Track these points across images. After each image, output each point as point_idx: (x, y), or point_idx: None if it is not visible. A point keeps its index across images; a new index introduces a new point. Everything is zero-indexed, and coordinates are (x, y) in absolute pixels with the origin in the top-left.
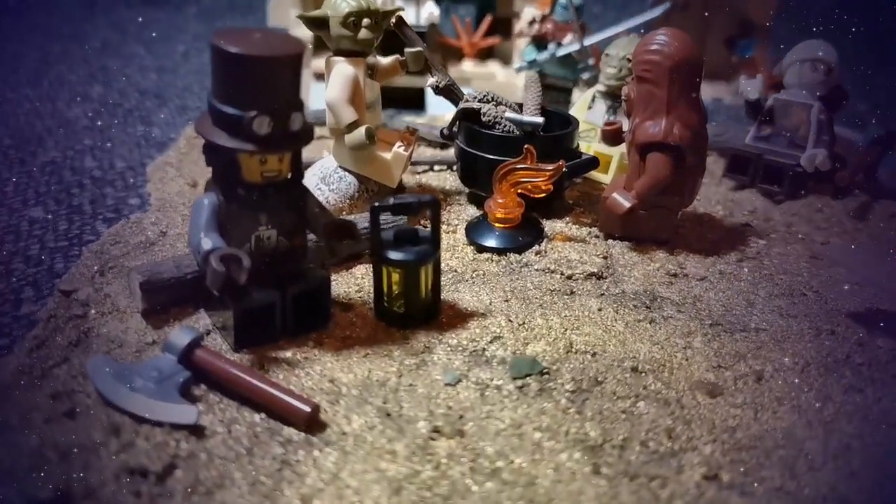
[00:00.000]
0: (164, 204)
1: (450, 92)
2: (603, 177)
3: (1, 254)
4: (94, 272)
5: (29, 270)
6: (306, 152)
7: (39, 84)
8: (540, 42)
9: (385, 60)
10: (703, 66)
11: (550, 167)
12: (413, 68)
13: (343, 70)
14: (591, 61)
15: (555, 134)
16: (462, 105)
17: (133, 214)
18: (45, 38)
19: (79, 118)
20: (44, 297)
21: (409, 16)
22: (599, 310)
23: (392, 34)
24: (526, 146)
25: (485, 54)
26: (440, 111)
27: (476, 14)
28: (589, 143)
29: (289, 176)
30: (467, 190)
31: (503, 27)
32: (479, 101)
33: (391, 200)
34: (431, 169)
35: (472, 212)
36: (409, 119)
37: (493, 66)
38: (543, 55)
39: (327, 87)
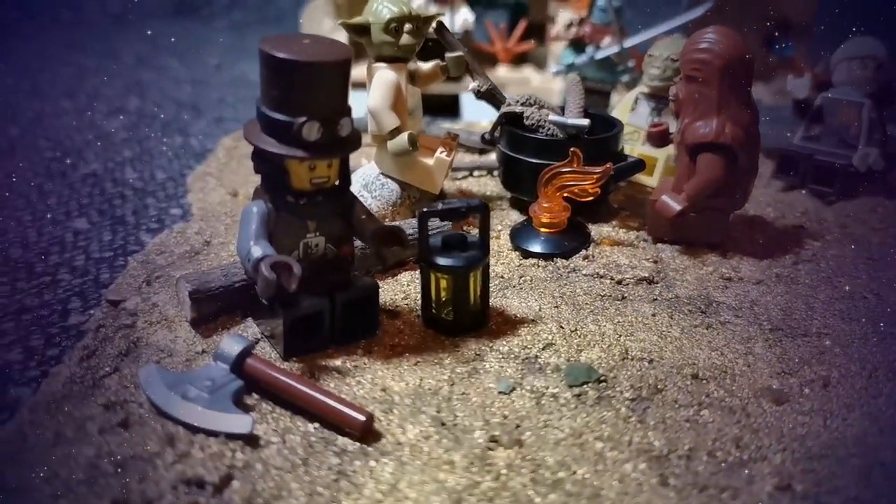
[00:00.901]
0: (206, 213)
1: (492, 96)
2: (648, 179)
3: (47, 265)
4: (140, 282)
5: (75, 281)
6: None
7: (77, 97)
8: (578, 45)
9: (426, 66)
10: (754, 63)
11: (598, 170)
12: (454, 73)
13: (385, 76)
14: (630, 64)
15: (600, 137)
16: (504, 109)
17: (176, 224)
18: (80, 54)
19: (117, 130)
20: (91, 307)
21: (445, 22)
22: (653, 315)
23: (431, 39)
24: (572, 149)
25: (519, 59)
26: (476, 117)
27: (509, 19)
28: (632, 146)
29: (337, 183)
30: (509, 195)
31: (536, 32)
32: (522, 104)
33: (439, 206)
34: (471, 174)
35: (515, 217)
36: (447, 126)
37: (528, 71)
38: (582, 58)
39: (369, 94)
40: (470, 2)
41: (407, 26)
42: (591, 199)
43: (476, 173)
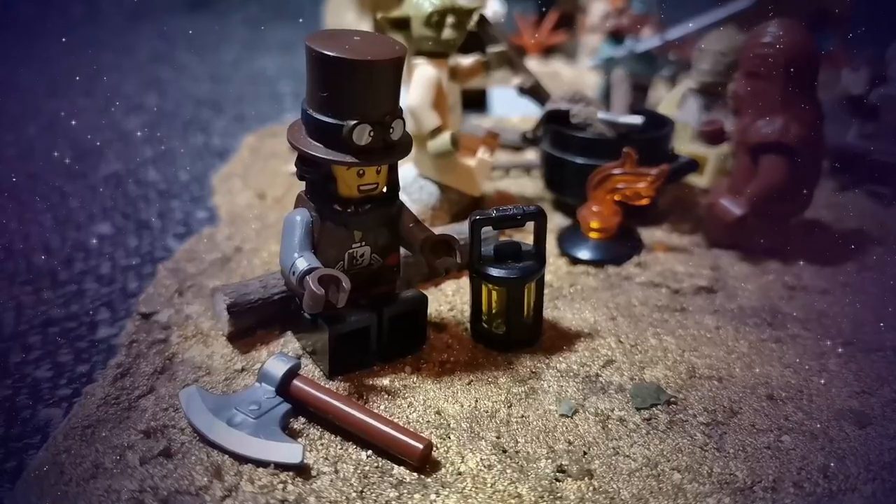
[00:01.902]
0: (234, 217)
1: (536, 93)
2: (698, 180)
3: (72, 272)
4: (172, 292)
5: (102, 290)
6: None
7: (94, 95)
8: (616, 37)
9: (466, 61)
10: (820, 59)
11: (653, 171)
12: (496, 69)
13: (426, 73)
14: (671, 57)
15: (651, 136)
16: (550, 106)
17: (204, 229)
18: (96, 51)
19: (137, 129)
20: (121, 318)
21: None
22: (717, 328)
23: (471, 32)
24: (625, 149)
25: (548, 51)
26: (505, 112)
27: (538, 8)
28: (681, 144)
29: (385, 190)
30: (549, 196)
31: (566, 21)
32: (568, 101)
33: (493, 212)
34: (507, 173)
35: (559, 220)
36: (476, 122)
37: (557, 64)
38: (621, 51)
39: (409, 91)
40: None
41: (449, 19)
42: (644, 202)
43: (513, 172)
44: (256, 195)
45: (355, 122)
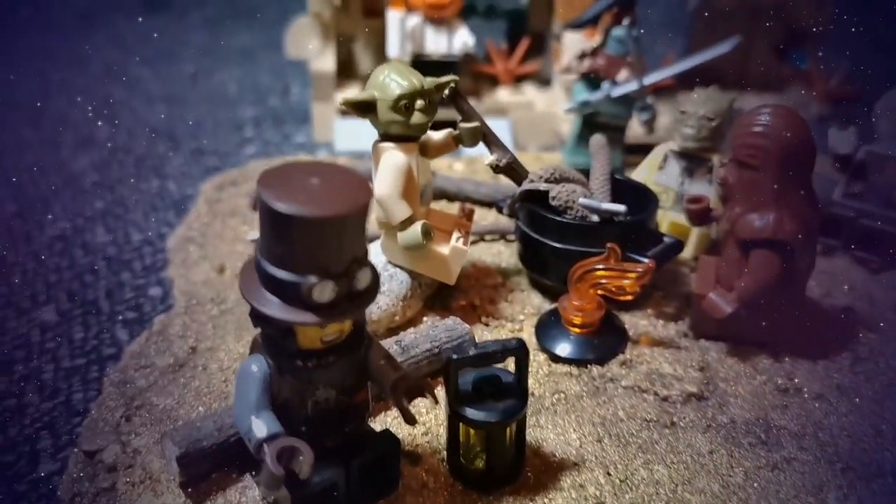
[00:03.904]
0: (189, 300)
1: (512, 170)
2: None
3: (11, 380)
4: (118, 418)
5: (44, 406)
6: None
7: (40, 125)
8: (591, 78)
9: (437, 136)
10: (817, 147)
11: (639, 268)
12: (469, 144)
13: (394, 160)
14: (649, 101)
15: (636, 219)
16: (526, 186)
17: (156, 317)
18: (43, 63)
19: (86, 171)
20: (63, 447)
21: (441, 44)
22: (711, 452)
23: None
24: (609, 245)
25: (519, 78)
26: (478, 150)
27: (507, 29)
28: (663, 209)
29: (351, 331)
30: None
31: (537, 44)
32: (547, 180)
33: (471, 351)
34: (482, 239)
35: (537, 301)
36: (444, 175)
37: (530, 92)
38: (597, 95)
39: (376, 179)
40: (466, 14)
41: (419, 103)
42: (629, 298)
43: (488, 237)
44: (214, 268)
45: (316, 279)
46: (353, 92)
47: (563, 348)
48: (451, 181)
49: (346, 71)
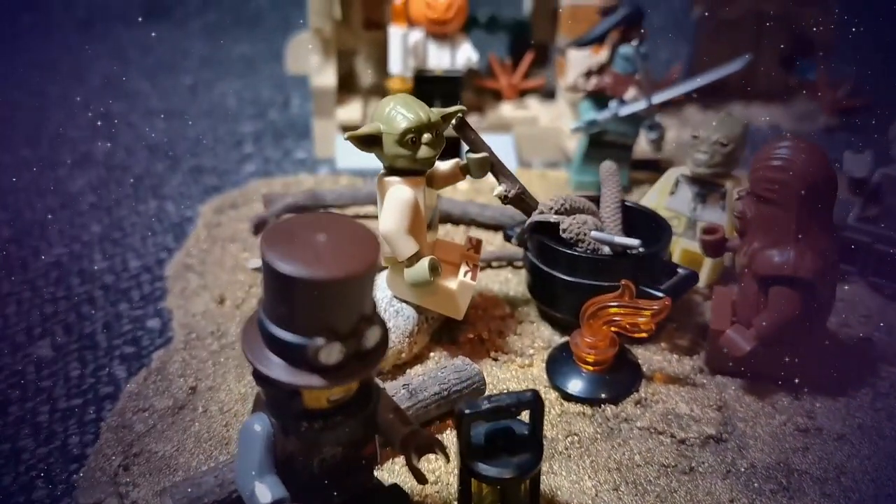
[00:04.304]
0: (188, 333)
1: (521, 201)
2: None
3: (6, 421)
4: (115, 466)
5: (39, 451)
6: None
7: (38, 143)
8: (597, 97)
9: (444, 166)
10: (838, 181)
11: (655, 305)
12: (476, 175)
13: (400, 195)
14: (657, 120)
15: (650, 251)
16: (536, 217)
17: (155, 353)
18: (42, 76)
19: (84, 192)
20: (59, 498)
21: (444, 60)
22: (731, 501)
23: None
24: (623, 281)
25: (523, 93)
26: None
27: (510, 43)
28: (675, 235)
29: (358, 387)
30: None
31: (540, 56)
32: (557, 211)
33: (484, 405)
34: (489, 266)
35: (547, 333)
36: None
37: (534, 106)
38: (605, 114)
39: (382, 214)
40: (468, 27)
41: (426, 136)
42: (643, 336)
43: (495, 263)
44: (214, 299)
45: (322, 341)
46: (353, 108)
47: (575, 385)
48: (456, 204)
49: (348, 85)
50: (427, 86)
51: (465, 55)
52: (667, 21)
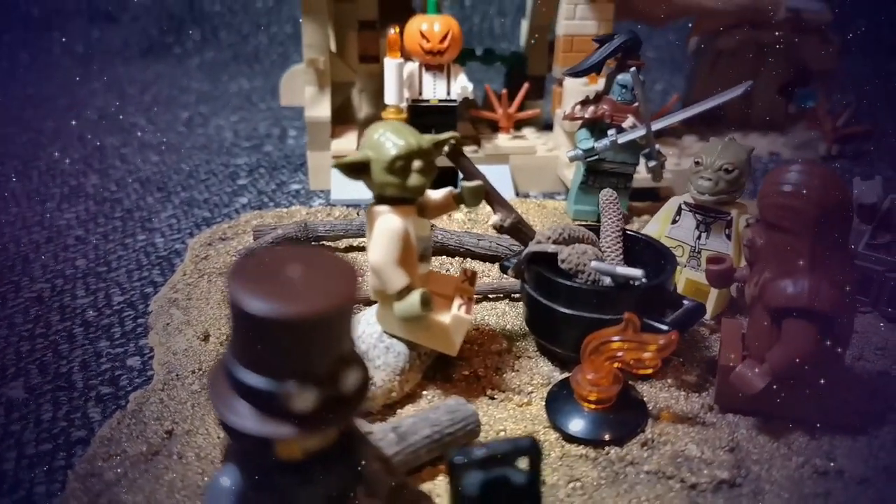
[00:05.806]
0: (168, 372)
1: (517, 230)
2: None
3: None
4: None
5: (2, 502)
6: None
7: (29, 176)
8: (595, 125)
9: (436, 195)
10: (853, 208)
11: (660, 339)
12: (470, 204)
13: (390, 225)
14: (656, 146)
15: (653, 283)
16: (533, 247)
17: (132, 393)
18: (37, 112)
19: (71, 225)
20: None
21: (440, 90)
22: None
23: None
24: (627, 314)
25: (519, 124)
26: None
27: (506, 74)
28: (679, 265)
29: (337, 435)
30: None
31: (537, 87)
32: (555, 241)
33: (477, 453)
34: (485, 298)
35: (546, 369)
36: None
37: (531, 136)
38: (603, 143)
39: (371, 245)
40: (464, 60)
41: (416, 164)
42: (648, 372)
43: (491, 295)
44: (198, 335)
45: (295, 386)
46: (349, 139)
47: (577, 425)
48: (451, 235)
49: (344, 117)
50: (423, 116)
51: (459, 85)
52: (663, 53)
